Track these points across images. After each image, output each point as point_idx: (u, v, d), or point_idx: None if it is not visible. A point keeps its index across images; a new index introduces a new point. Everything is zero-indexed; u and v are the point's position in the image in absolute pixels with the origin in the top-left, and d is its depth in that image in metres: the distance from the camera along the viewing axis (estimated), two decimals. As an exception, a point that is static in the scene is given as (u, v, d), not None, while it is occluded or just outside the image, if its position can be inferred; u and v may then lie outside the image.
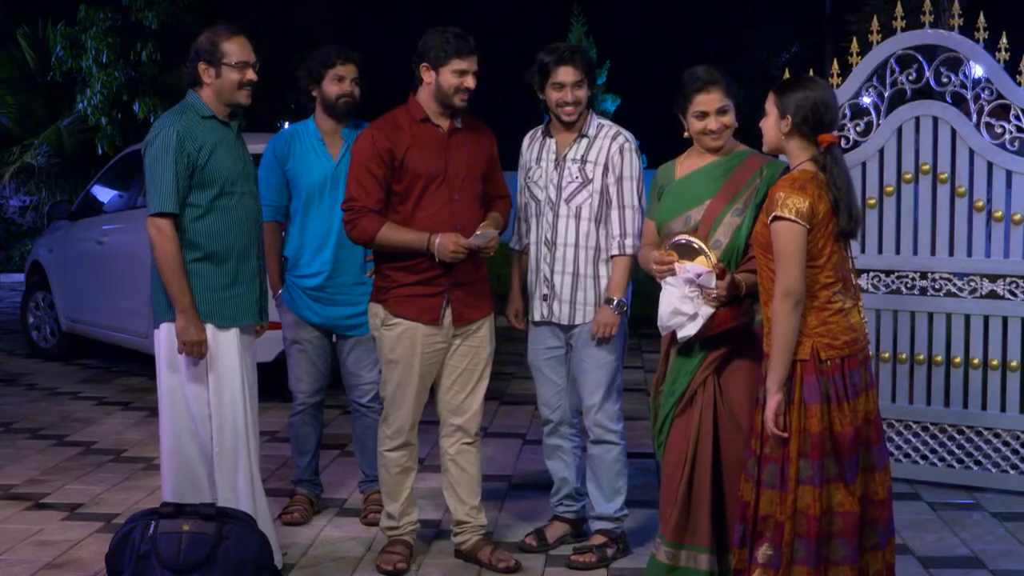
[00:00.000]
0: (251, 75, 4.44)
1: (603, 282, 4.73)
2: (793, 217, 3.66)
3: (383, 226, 4.51)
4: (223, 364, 4.43)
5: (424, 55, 4.55)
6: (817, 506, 3.67)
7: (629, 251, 4.67)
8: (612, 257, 4.71)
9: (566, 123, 4.75)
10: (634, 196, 4.71)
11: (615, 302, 4.67)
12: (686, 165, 4.33)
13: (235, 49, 4.40)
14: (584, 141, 4.75)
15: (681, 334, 4.14)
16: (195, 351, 4.34)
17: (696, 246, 4.07)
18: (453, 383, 4.72)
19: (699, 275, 4.01)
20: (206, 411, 4.42)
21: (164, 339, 4.43)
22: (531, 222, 4.87)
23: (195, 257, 4.37)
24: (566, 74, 4.69)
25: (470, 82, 4.54)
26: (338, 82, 5.18)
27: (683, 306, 4.06)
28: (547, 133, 4.84)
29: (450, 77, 4.51)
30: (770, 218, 3.71)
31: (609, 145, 4.72)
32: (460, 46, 4.51)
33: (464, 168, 4.62)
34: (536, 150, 4.86)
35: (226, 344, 4.43)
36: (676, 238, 4.14)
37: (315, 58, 5.23)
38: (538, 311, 4.84)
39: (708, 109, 4.19)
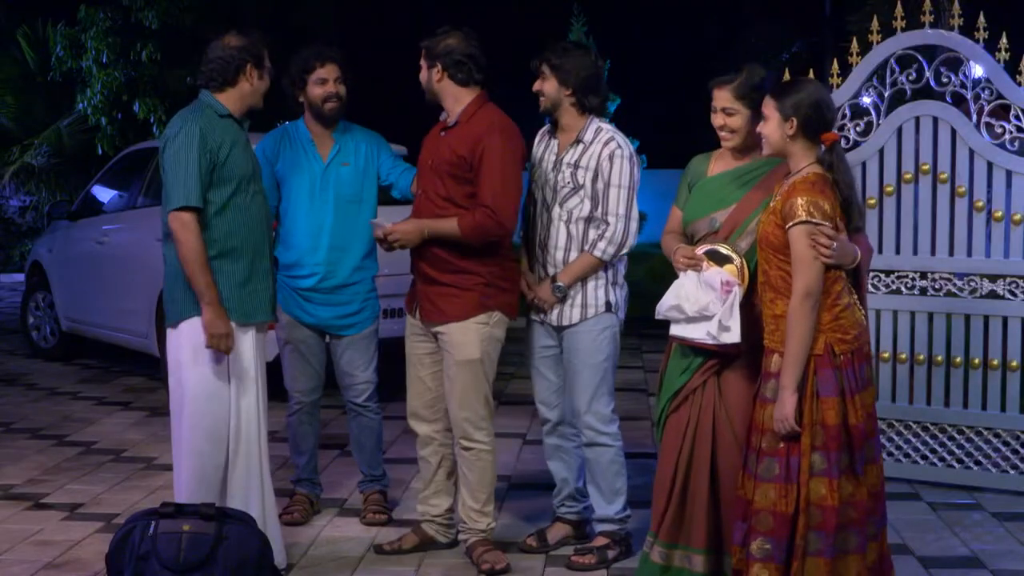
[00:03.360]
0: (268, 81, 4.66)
1: (590, 283, 4.72)
2: (818, 220, 3.71)
3: None
4: (243, 362, 4.45)
5: None
6: (835, 497, 3.72)
7: (599, 255, 4.66)
8: (582, 250, 4.70)
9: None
10: (620, 204, 4.65)
11: (558, 286, 4.69)
12: (719, 164, 4.36)
13: (266, 57, 4.60)
14: (580, 146, 4.73)
15: (673, 330, 4.16)
16: (222, 344, 4.34)
17: (726, 252, 4.12)
18: (440, 386, 4.79)
19: (727, 285, 4.03)
20: (227, 409, 4.42)
21: (186, 337, 4.40)
22: (528, 221, 4.88)
23: (213, 254, 4.38)
24: None
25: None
26: (321, 84, 5.17)
27: (687, 305, 4.08)
28: (552, 133, 4.85)
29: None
30: (792, 223, 3.74)
31: (600, 151, 4.68)
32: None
33: (428, 165, 4.70)
34: (541, 150, 4.87)
35: (245, 342, 4.45)
36: (708, 246, 4.17)
37: (295, 64, 5.23)
38: (533, 310, 4.85)
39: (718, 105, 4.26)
